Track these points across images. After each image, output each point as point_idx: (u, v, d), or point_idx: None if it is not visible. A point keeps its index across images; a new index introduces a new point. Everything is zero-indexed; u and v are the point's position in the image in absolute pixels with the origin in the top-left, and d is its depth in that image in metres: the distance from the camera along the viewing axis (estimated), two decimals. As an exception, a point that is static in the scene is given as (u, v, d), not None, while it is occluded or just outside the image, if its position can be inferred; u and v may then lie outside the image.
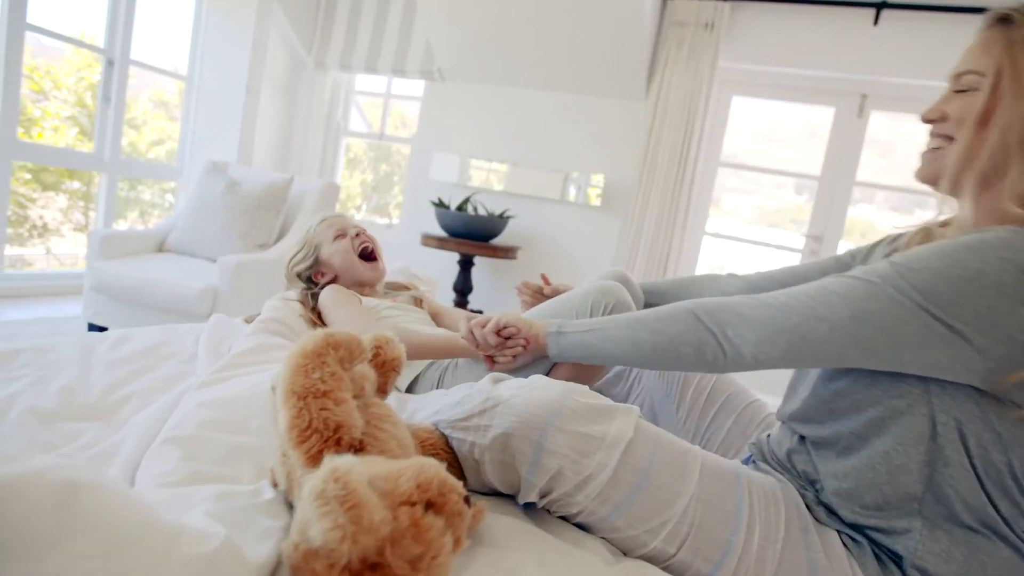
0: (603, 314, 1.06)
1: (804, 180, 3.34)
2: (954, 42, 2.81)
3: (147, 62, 3.13)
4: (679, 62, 3.14)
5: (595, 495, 0.68)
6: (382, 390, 0.70)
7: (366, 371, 0.65)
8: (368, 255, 1.47)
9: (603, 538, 0.72)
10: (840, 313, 0.66)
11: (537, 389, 0.72)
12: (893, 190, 3.33)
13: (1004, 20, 0.65)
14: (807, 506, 0.73)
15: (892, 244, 0.88)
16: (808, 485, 0.77)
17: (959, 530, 0.65)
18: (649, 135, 3.19)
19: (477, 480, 0.76)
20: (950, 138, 0.71)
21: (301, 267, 1.45)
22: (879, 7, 2.90)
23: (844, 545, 0.70)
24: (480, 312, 3.30)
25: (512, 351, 1.00)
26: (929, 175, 0.75)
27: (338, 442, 0.50)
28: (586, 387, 0.76)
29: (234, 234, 2.44)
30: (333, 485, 0.38)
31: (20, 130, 2.63)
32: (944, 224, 0.77)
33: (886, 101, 3.09)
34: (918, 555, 0.66)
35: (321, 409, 0.50)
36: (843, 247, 3.19)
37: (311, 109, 3.97)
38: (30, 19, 2.55)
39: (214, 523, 0.44)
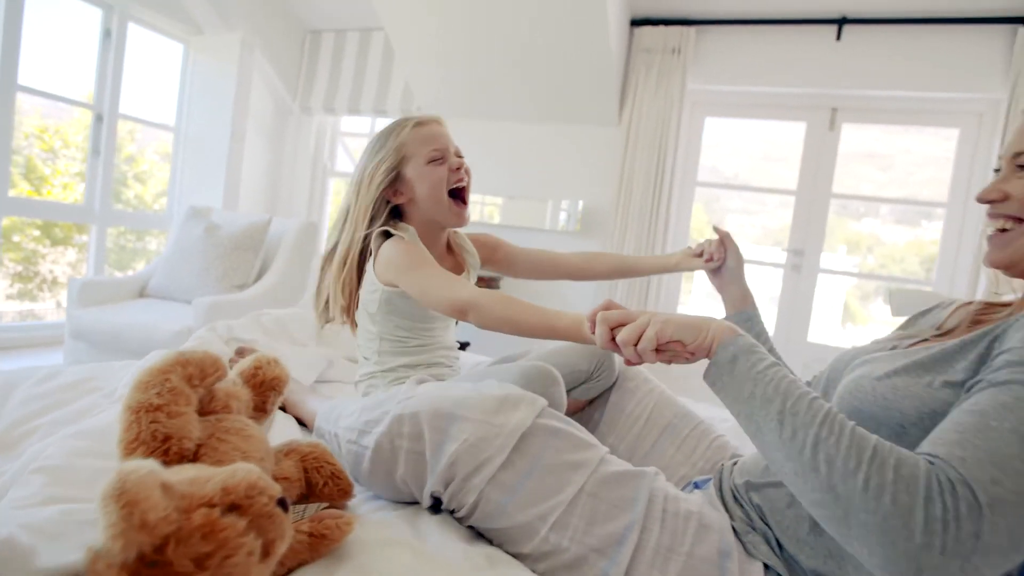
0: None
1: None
2: (917, 52, 2.85)
3: (137, 115, 3.27)
4: (649, 87, 3.20)
5: (489, 478, 0.72)
6: (260, 408, 0.71)
7: (236, 390, 0.66)
8: (461, 195, 1.16)
9: (501, 542, 0.73)
10: None
11: (447, 386, 0.79)
12: (871, 201, 3.33)
13: None
14: (737, 534, 0.73)
15: (955, 313, 0.79)
16: (758, 519, 0.75)
17: None
18: (624, 159, 3.23)
19: (374, 486, 0.80)
20: (1019, 220, 0.68)
21: (381, 173, 1.10)
22: (840, 23, 2.95)
23: None
24: (467, 345, 3.32)
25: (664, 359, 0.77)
26: (1004, 260, 0.71)
27: (166, 452, 0.51)
28: (495, 382, 0.82)
29: (212, 276, 2.50)
30: (112, 486, 0.39)
31: (27, 187, 2.74)
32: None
33: (856, 113, 3.11)
34: None
35: (151, 422, 0.52)
36: (825, 260, 3.17)
37: (298, 152, 4.09)
38: (22, 80, 2.68)
39: (11, 529, 0.45)
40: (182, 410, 0.54)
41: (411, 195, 1.12)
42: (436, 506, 0.79)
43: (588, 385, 1.11)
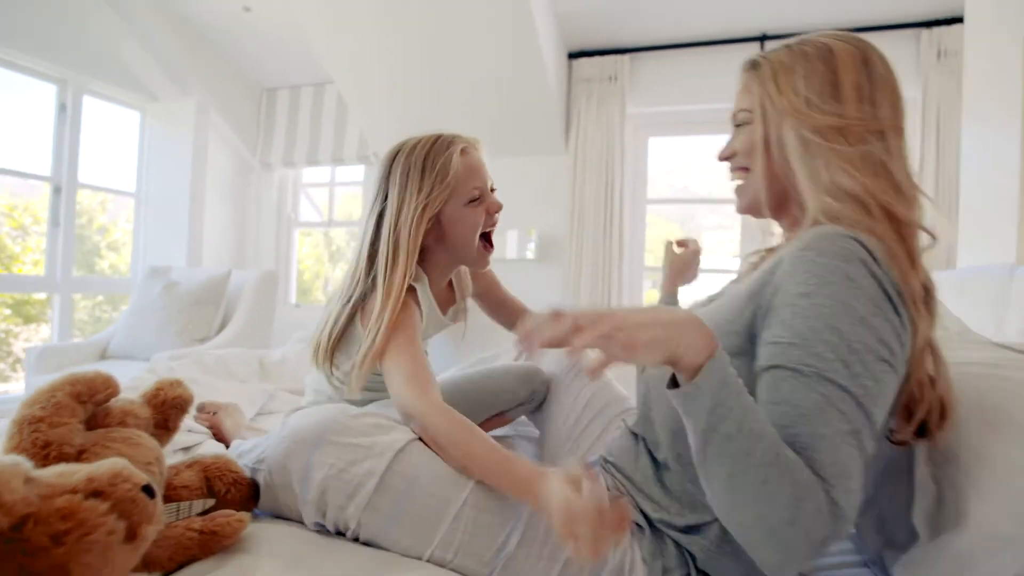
0: None
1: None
2: (835, 60, 3.03)
3: (99, 184, 3.35)
4: (591, 114, 3.35)
5: (364, 504, 0.69)
6: (163, 427, 0.75)
7: (133, 407, 0.71)
8: (489, 236, 1.02)
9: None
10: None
11: (317, 411, 0.75)
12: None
13: (754, 66, 0.73)
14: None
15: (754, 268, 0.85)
16: (626, 481, 0.79)
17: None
18: (573, 185, 3.35)
19: (275, 509, 0.78)
20: (746, 169, 0.76)
21: (426, 218, 0.93)
22: (761, 39, 3.13)
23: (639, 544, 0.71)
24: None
25: None
26: (747, 206, 0.78)
27: (46, 457, 0.56)
28: (384, 412, 0.79)
29: (171, 331, 2.53)
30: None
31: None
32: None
33: (787, 122, 3.27)
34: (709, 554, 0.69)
35: (33, 432, 0.57)
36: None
37: (261, 206, 4.17)
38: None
39: None
40: (65, 421, 0.59)
41: (440, 236, 0.97)
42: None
43: (524, 407, 1.17)
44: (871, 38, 0.70)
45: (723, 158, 0.79)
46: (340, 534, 0.74)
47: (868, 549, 0.80)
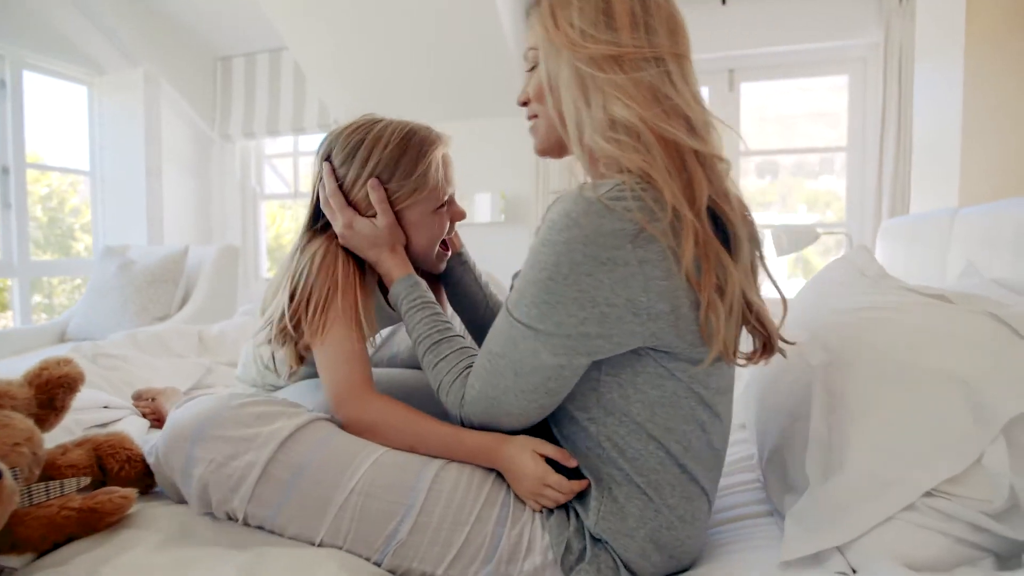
0: None
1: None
2: (798, 8, 2.96)
3: (52, 164, 3.26)
4: (552, 72, 3.26)
5: (249, 497, 0.67)
6: (48, 406, 0.74)
7: (9, 389, 0.69)
8: (443, 244, 0.94)
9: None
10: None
11: (200, 402, 0.72)
12: (777, 154, 3.43)
13: (537, 3, 0.70)
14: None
15: None
16: None
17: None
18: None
19: (172, 493, 0.76)
20: (536, 115, 0.76)
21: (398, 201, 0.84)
22: (725, -13, 3.04)
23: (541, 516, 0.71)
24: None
25: None
26: (540, 148, 0.79)
27: None
28: (271, 396, 0.76)
29: (130, 311, 2.50)
30: None
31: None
32: None
33: (752, 72, 3.21)
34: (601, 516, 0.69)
35: None
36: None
37: (224, 179, 4.08)
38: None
39: None
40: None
41: (397, 240, 0.86)
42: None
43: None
44: None
45: (521, 103, 0.79)
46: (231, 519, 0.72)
47: (772, 499, 0.81)
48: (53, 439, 0.77)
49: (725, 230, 0.64)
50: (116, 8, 3.24)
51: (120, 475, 0.73)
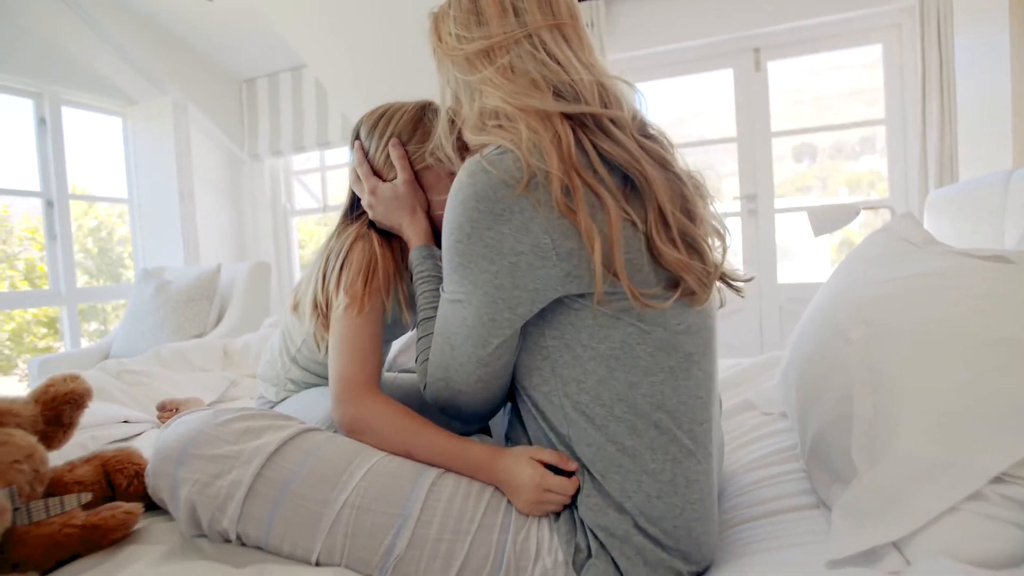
0: None
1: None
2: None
3: (93, 194, 3.39)
4: (570, 66, 3.21)
5: (238, 516, 0.65)
6: (56, 423, 0.73)
7: (14, 406, 0.68)
8: None
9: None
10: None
11: (185, 421, 0.71)
12: (809, 133, 3.28)
13: (431, 27, 0.76)
14: None
15: None
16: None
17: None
18: (559, 141, 3.24)
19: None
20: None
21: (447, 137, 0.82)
22: (743, -36, 2.94)
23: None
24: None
25: None
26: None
27: None
28: (260, 410, 0.75)
29: (167, 331, 2.56)
30: None
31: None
32: None
33: (779, 49, 3.08)
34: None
35: None
36: (779, 204, 3.13)
37: (256, 198, 4.17)
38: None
39: None
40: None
41: (421, 193, 0.89)
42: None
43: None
44: None
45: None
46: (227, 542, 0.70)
47: (817, 490, 0.74)
48: (66, 456, 0.77)
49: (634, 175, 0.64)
50: (142, 40, 3.35)
51: (129, 491, 0.72)
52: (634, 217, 0.62)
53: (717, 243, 0.70)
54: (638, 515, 0.63)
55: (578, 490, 0.67)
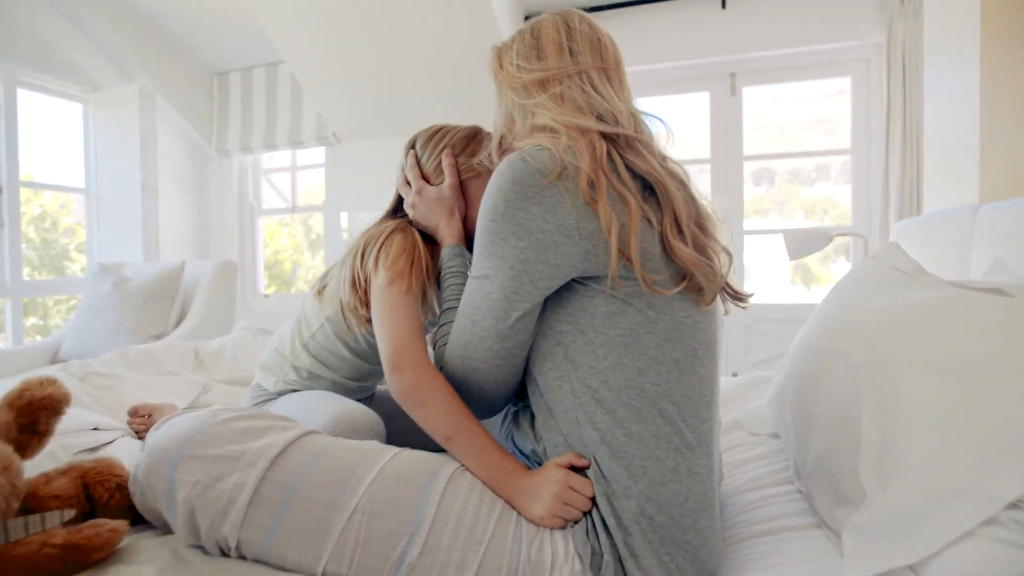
0: None
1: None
2: (799, 10, 2.93)
3: (47, 182, 3.21)
4: (551, 80, 3.23)
5: (240, 522, 0.62)
6: (31, 430, 0.68)
7: (-13, 410, 0.63)
8: None
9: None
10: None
11: (180, 420, 0.68)
12: (778, 159, 3.39)
13: (493, 55, 0.85)
14: None
15: None
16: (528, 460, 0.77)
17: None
18: (537, 153, 3.25)
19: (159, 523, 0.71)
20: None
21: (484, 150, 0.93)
22: (722, -7, 3.02)
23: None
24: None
25: None
26: None
27: None
28: (260, 411, 0.73)
29: (124, 329, 2.43)
30: None
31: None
32: None
33: (754, 76, 3.18)
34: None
35: None
36: (748, 225, 3.22)
37: (222, 195, 4.04)
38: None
39: None
40: None
41: (457, 204, 0.95)
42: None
43: None
44: None
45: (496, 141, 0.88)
46: (225, 555, 0.66)
47: (819, 511, 0.75)
48: (36, 466, 0.71)
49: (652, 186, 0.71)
50: (110, 24, 3.21)
51: (110, 504, 0.67)
52: (651, 217, 0.69)
53: (723, 259, 0.76)
54: (644, 501, 0.65)
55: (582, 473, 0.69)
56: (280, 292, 4.17)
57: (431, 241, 0.95)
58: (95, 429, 0.97)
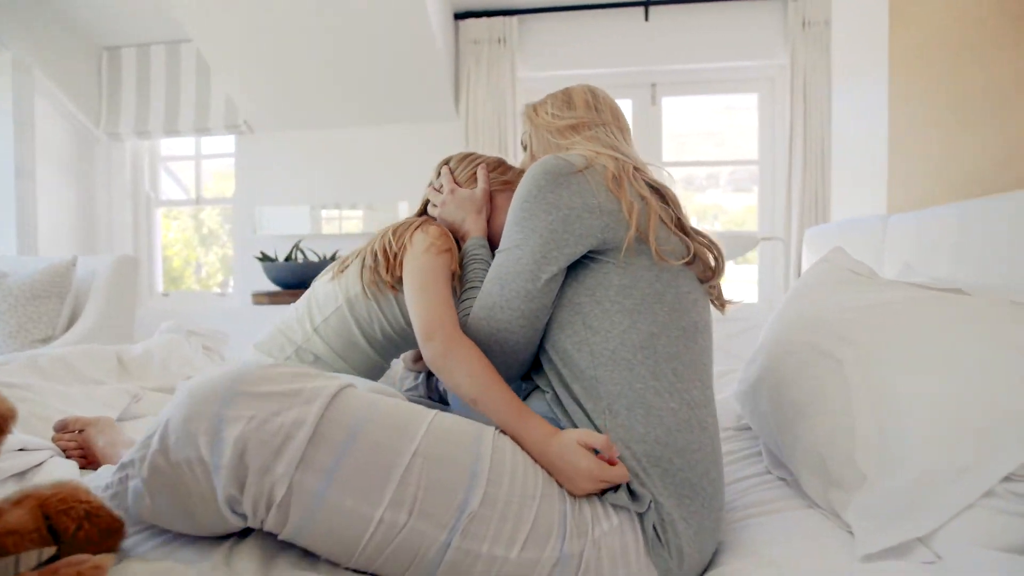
0: None
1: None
2: (715, 28, 3.13)
3: None
4: (481, 78, 3.22)
5: (297, 461, 0.59)
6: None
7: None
8: None
9: (325, 555, 0.63)
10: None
11: (220, 369, 0.66)
12: (700, 166, 3.61)
13: (527, 109, 1.00)
14: None
15: None
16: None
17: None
18: (468, 150, 3.23)
19: (166, 520, 0.66)
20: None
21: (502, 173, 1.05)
22: (646, 5, 3.16)
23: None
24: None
25: None
26: None
27: None
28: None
29: (3, 333, 2.12)
30: None
31: None
32: None
33: (673, 87, 3.36)
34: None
35: None
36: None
37: (112, 183, 3.64)
38: None
39: None
40: None
41: (482, 216, 1.03)
42: (246, 532, 0.68)
43: None
44: (742, 9, 0.75)
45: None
46: (262, 528, 0.62)
47: (812, 496, 0.80)
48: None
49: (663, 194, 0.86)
50: (-24, -18, 2.79)
51: (78, 536, 0.57)
52: (663, 213, 0.81)
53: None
54: (662, 447, 0.71)
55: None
56: (171, 290, 3.82)
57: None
58: (21, 450, 0.83)
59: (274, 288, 3.05)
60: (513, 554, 0.62)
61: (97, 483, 0.69)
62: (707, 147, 3.60)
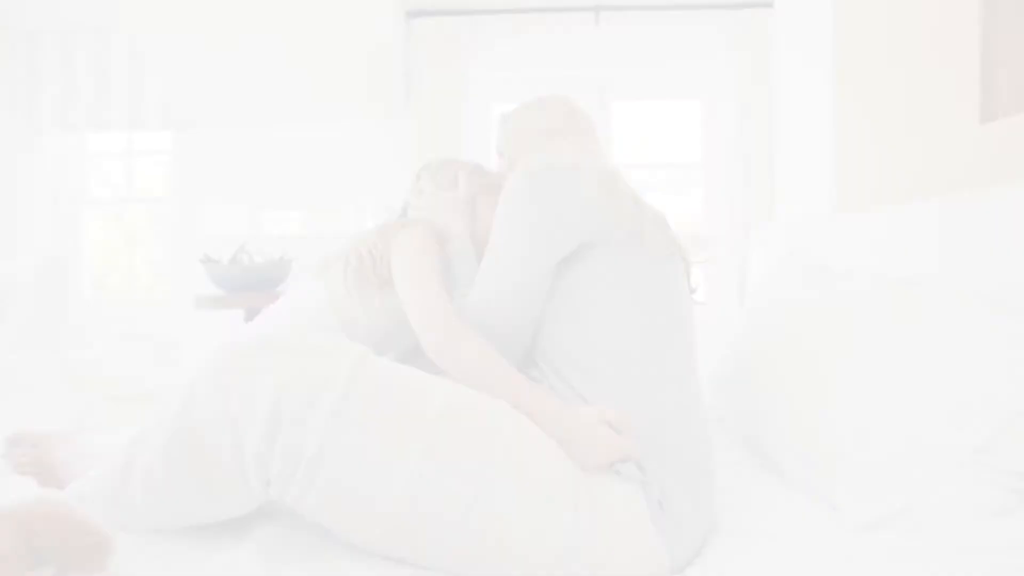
0: None
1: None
2: (662, 35, 3.24)
3: None
4: (432, 76, 3.20)
5: (332, 411, 0.60)
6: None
7: None
8: None
9: (346, 529, 0.64)
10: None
11: (247, 334, 0.69)
12: (641, 168, 3.72)
13: (503, 117, 1.05)
14: None
15: None
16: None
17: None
18: (419, 151, 3.20)
19: (175, 498, 0.66)
20: None
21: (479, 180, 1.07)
22: (596, 10, 3.23)
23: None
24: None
25: None
26: None
27: None
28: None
29: (-87, 343, 1.92)
30: None
31: None
32: None
33: (621, 91, 3.44)
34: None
35: None
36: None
37: (33, 180, 3.37)
38: None
39: None
40: None
41: (464, 221, 1.03)
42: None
43: None
44: (684, 17, 0.84)
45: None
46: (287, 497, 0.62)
47: (792, 475, 0.85)
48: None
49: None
50: None
51: (68, 555, 0.53)
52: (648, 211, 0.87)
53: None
54: (661, 432, 0.74)
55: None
56: (106, 296, 3.58)
57: None
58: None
59: (218, 292, 2.91)
60: (529, 518, 0.63)
61: (80, 494, 0.65)
62: (649, 150, 3.72)
